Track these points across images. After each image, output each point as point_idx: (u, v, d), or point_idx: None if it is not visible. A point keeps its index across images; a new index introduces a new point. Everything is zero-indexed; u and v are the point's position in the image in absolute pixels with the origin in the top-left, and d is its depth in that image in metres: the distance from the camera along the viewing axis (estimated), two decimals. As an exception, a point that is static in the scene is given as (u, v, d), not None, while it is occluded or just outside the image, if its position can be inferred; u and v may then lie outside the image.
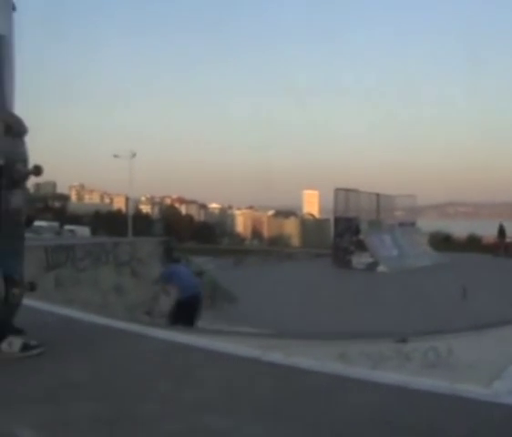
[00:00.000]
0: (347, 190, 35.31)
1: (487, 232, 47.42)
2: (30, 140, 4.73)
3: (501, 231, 39.40)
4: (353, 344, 5.79)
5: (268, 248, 57.46)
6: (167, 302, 12.57)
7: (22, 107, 4.89)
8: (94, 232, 55.73)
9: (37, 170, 4.72)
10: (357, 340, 6.17)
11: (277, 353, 5.19)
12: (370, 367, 4.82)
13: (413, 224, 40.38)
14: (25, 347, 4.69)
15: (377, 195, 37.51)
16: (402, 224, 38.43)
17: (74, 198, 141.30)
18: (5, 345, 4.63)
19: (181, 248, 25.60)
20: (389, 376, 4.53)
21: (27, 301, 5.24)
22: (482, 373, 4.75)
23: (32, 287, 4.91)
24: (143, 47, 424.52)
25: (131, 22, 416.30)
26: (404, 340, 5.96)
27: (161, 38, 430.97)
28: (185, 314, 11.22)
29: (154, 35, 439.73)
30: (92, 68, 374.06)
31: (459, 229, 52.40)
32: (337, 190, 34.65)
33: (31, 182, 4.90)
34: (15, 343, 4.66)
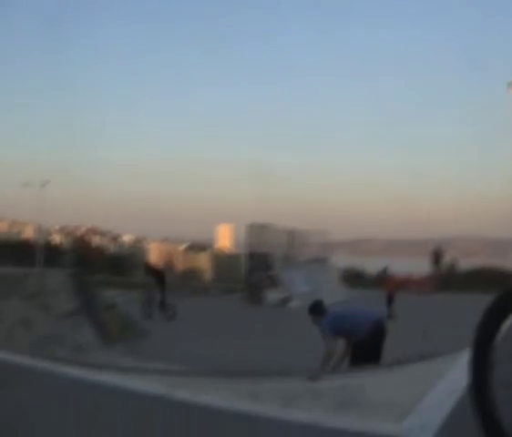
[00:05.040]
0: (261, 225, 35.45)
1: (399, 269, 48.24)
2: None
3: None
4: (264, 382, 5.70)
5: (181, 282, 56.92)
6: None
7: None
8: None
9: None
10: (268, 378, 6.09)
11: (185, 391, 5.03)
12: (280, 405, 4.74)
13: (325, 260, 40.76)
14: None
15: (290, 230, 37.75)
16: (314, 260, 38.77)
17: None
18: None
19: (92, 280, 24.90)
20: (300, 414, 4.46)
21: None
22: (392, 411, 4.73)
23: None
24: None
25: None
26: (315, 378, 5.91)
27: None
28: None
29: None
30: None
31: (371, 266, 53.04)
32: (250, 225, 34.76)
33: None
34: None
